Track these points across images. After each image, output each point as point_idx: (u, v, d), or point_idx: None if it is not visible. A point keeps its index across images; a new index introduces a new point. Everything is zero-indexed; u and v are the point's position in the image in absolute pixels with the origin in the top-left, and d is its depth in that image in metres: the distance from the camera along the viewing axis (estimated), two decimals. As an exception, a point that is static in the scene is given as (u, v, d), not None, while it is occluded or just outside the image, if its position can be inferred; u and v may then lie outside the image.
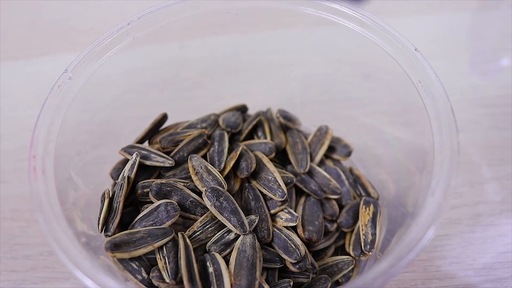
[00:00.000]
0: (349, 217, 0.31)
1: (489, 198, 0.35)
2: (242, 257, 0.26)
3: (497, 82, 0.41)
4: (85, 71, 0.28)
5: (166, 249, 0.26)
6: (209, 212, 0.28)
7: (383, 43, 0.28)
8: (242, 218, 0.27)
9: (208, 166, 0.29)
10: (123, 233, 0.26)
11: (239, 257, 0.26)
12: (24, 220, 0.36)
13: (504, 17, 0.45)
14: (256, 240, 0.27)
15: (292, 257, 0.27)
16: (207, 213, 0.28)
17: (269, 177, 0.29)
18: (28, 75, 0.44)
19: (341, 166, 0.33)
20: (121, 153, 0.30)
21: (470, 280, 0.32)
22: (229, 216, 0.27)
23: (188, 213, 0.28)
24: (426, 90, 0.26)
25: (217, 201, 0.27)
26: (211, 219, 0.27)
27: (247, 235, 0.27)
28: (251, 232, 0.27)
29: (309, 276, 0.28)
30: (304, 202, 0.30)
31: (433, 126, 0.25)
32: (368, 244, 0.29)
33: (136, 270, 0.26)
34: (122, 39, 0.29)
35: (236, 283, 0.25)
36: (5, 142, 0.40)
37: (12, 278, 0.34)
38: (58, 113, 0.26)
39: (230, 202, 0.27)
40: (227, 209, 0.27)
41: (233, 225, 0.27)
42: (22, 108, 0.42)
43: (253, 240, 0.27)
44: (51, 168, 0.25)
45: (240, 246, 0.26)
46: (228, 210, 0.27)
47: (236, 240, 0.27)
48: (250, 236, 0.27)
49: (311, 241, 0.28)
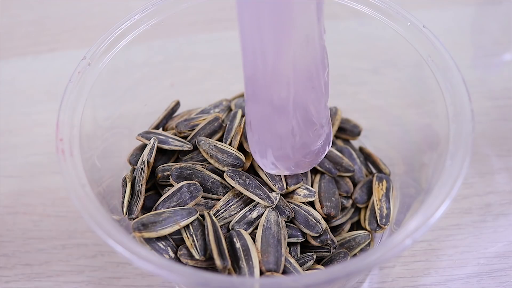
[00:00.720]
0: (363, 193, 0.32)
1: (499, 188, 0.36)
2: (268, 234, 0.27)
3: (502, 76, 0.43)
4: (103, 58, 0.29)
5: (192, 228, 0.26)
6: (231, 191, 0.28)
7: (391, 22, 0.29)
8: (267, 192, 0.27)
9: (218, 144, 0.29)
10: (150, 214, 0.27)
11: (264, 234, 0.27)
12: (37, 214, 0.36)
13: (506, 12, 0.47)
14: (280, 217, 0.27)
15: (314, 231, 0.28)
16: (229, 192, 0.28)
17: None
18: (36, 71, 0.45)
19: (351, 145, 0.34)
20: (138, 138, 0.31)
21: (483, 268, 0.33)
22: (255, 190, 0.27)
23: (210, 193, 0.28)
24: (437, 63, 0.27)
25: (240, 179, 0.28)
26: (233, 197, 0.28)
27: (271, 212, 0.27)
28: (274, 209, 0.28)
29: (329, 250, 0.29)
30: (319, 180, 0.31)
31: (445, 97, 0.26)
32: (383, 218, 0.30)
33: (163, 250, 0.26)
34: (137, 25, 0.29)
35: (264, 260, 0.26)
36: (16, 138, 0.40)
37: (26, 272, 0.34)
38: (79, 99, 0.27)
39: (252, 179, 0.28)
40: (251, 185, 0.27)
41: (261, 198, 0.27)
42: (31, 104, 0.42)
43: (276, 217, 0.27)
44: (78, 151, 0.25)
45: (265, 224, 0.27)
46: (253, 186, 0.27)
47: (258, 219, 0.28)
48: (274, 213, 0.27)
49: (329, 216, 0.29)
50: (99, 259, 0.34)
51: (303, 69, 0.24)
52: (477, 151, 0.38)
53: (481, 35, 0.47)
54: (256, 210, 0.28)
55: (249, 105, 0.26)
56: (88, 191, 0.24)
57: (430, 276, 0.33)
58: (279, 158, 0.27)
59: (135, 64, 0.33)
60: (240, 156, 0.29)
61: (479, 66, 0.44)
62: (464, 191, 0.36)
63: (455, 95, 0.26)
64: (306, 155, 0.28)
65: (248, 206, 0.28)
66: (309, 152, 0.28)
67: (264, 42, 0.22)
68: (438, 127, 0.27)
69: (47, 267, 0.34)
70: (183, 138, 0.31)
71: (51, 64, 0.45)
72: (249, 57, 0.23)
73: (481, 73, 0.43)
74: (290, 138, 0.26)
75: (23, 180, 0.38)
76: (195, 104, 0.35)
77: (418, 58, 0.28)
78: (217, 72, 0.39)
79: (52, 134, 0.26)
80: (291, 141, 0.26)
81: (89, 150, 0.27)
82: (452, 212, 0.35)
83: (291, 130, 0.26)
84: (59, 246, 0.35)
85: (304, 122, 0.26)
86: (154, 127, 0.33)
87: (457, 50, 0.41)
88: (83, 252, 0.34)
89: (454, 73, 0.26)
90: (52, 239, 0.35)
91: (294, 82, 0.24)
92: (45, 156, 0.39)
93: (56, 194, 0.37)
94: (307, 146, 0.27)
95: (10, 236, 0.35)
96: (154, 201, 0.28)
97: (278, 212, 0.28)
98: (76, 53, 0.30)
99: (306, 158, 0.28)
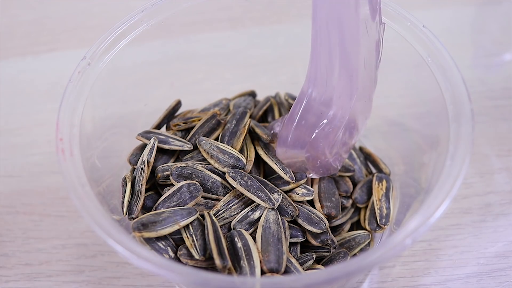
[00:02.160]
0: (363, 193, 0.32)
1: (499, 188, 0.37)
2: (267, 234, 0.27)
3: (502, 75, 0.43)
4: (103, 58, 0.29)
5: (192, 228, 0.26)
6: (232, 192, 0.28)
7: (391, 22, 0.29)
8: (268, 194, 0.27)
9: (219, 145, 0.29)
10: (149, 213, 0.27)
11: (264, 234, 0.27)
12: (36, 214, 0.36)
13: (506, 12, 0.47)
14: (279, 216, 0.27)
15: (317, 228, 0.28)
16: (230, 193, 0.28)
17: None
18: (36, 71, 0.45)
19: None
20: (138, 138, 0.31)
21: (483, 268, 0.33)
22: (256, 192, 0.27)
23: (210, 193, 0.28)
24: (437, 63, 0.27)
25: (242, 180, 0.28)
26: (234, 197, 0.28)
27: (270, 212, 0.27)
28: (274, 209, 0.28)
29: (329, 250, 0.29)
30: (319, 180, 0.31)
31: (445, 97, 0.26)
32: (383, 218, 0.30)
33: (163, 250, 0.26)
34: (137, 25, 0.29)
35: (265, 259, 0.26)
36: (16, 137, 0.40)
37: (26, 272, 0.34)
38: (79, 98, 0.27)
39: (254, 180, 0.28)
40: (253, 186, 0.27)
41: (262, 200, 0.27)
42: (31, 104, 0.42)
43: (276, 216, 0.27)
44: (78, 150, 0.25)
45: (264, 223, 0.27)
46: (254, 187, 0.27)
47: (260, 219, 0.28)
48: (273, 213, 0.27)
49: (330, 216, 0.29)
50: (99, 259, 0.34)
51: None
52: (477, 151, 0.38)
53: (481, 35, 0.47)
54: (258, 210, 0.28)
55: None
56: (88, 191, 0.24)
57: (430, 276, 0.33)
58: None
59: (135, 64, 0.33)
60: (241, 158, 0.29)
61: (479, 66, 0.44)
62: (464, 191, 0.36)
63: (455, 95, 0.26)
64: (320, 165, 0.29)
65: (250, 206, 0.28)
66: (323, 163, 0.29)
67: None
68: (438, 127, 0.27)
69: (47, 267, 0.34)
70: (182, 133, 0.31)
71: (51, 64, 0.45)
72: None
73: (481, 73, 0.43)
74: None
75: (23, 180, 0.38)
76: (195, 104, 0.35)
77: (418, 58, 0.28)
78: (217, 72, 0.39)
79: (52, 134, 0.26)
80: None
81: (89, 150, 0.27)
82: (452, 212, 0.35)
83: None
84: (59, 246, 0.35)
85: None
86: (155, 126, 0.33)
87: (457, 50, 0.41)
88: (83, 252, 0.34)
89: (453, 73, 0.26)
90: (52, 239, 0.35)
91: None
92: (45, 156, 0.39)
93: (56, 194, 0.37)
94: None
95: (10, 236, 0.35)
96: (154, 201, 0.28)
97: (277, 211, 0.28)
98: (76, 53, 0.30)
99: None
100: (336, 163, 0.30)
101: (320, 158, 0.29)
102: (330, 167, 0.30)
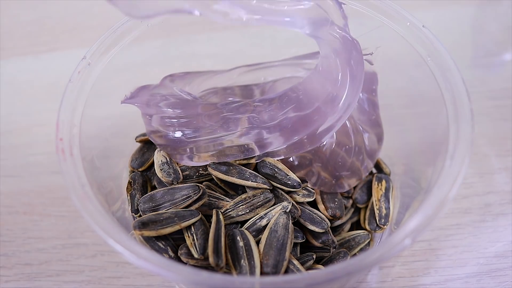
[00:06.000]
0: (363, 193, 0.32)
1: (499, 188, 0.37)
2: (272, 237, 0.26)
3: (502, 75, 0.43)
4: (103, 58, 0.29)
5: (194, 228, 0.26)
6: (240, 196, 0.28)
7: (391, 22, 0.29)
8: (262, 178, 0.28)
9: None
10: (151, 213, 0.27)
11: (269, 237, 0.26)
12: (36, 214, 0.36)
13: (506, 12, 0.47)
14: (290, 221, 0.27)
15: (320, 227, 0.28)
16: (238, 196, 0.28)
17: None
18: (36, 71, 0.45)
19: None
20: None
21: (482, 268, 0.33)
22: (250, 177, 0.28)
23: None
24: (437, 63, 0.27)
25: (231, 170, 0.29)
26: (244, 199, 0.28)
27: (282, 215, 0.27)
28: (286, 213, 0.27)
29: (329, 250, 0.29)
30: (319, 181, 0.31)
31: (445, 97, 0.26)
32: (382, 218, 0.30)
33: (163, 249, 0.26)
34: (137, 25, 0.29)
35: (264, 262, 0.26)
36: (16, 137, 0.40)
37: (26, 272, 0.34)
38: (79, 98, 0.27)
39: (244, 170, 0.29)
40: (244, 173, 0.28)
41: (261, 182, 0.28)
42: (31, 104, 0.42)
43: (286, 221, 0.27)
44: (78, 150, 0.25)
45: (273, 226, 0.27)
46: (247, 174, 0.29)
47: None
48: (284, 217, 0.27)
49: (335, 217, 0.29)
50: (99, 259, 0.34)
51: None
52: (477, 151, 0.38)
53: (481, 35, 0.47)
54: (266, 218, 0.27)
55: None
56: (88, 191, 0.24)
57: (429, 276, 0.33)
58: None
59: (135, 64, 0.33)
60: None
61: (479, 66, 0.44)
62: (464, 191, 0.36)
63: (454, 95, 0.26)
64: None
65: (258, 214, 0.28)
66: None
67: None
68: (438, 127, 0.27)
69: (47, 266, 0.34)
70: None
71: (51, 64, 0.45)
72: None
73: (481, 73, 0.43)
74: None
75: (23, 180, 0.38)
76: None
77: (418, 58, 0.28)
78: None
79: (52, 134, 0.26)
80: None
81: (89, 150, 0.27)
82: (452, 212, 0.35)
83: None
84: (59, 246, 0.35)
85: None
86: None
87: (457, 50, 0.41)
88: (83, 252, 0.34)
89: (453, 73, 0.26)
90: (52, 239, 0.35)
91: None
92: (45, 156, 0.39)
93: (56, 194, 0.37)
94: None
95: (10, 236, 0.35)
96: (155, 201, 0.28)
97: (289, 215, 0.27)
98: (76, 53, 0.30)
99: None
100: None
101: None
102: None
